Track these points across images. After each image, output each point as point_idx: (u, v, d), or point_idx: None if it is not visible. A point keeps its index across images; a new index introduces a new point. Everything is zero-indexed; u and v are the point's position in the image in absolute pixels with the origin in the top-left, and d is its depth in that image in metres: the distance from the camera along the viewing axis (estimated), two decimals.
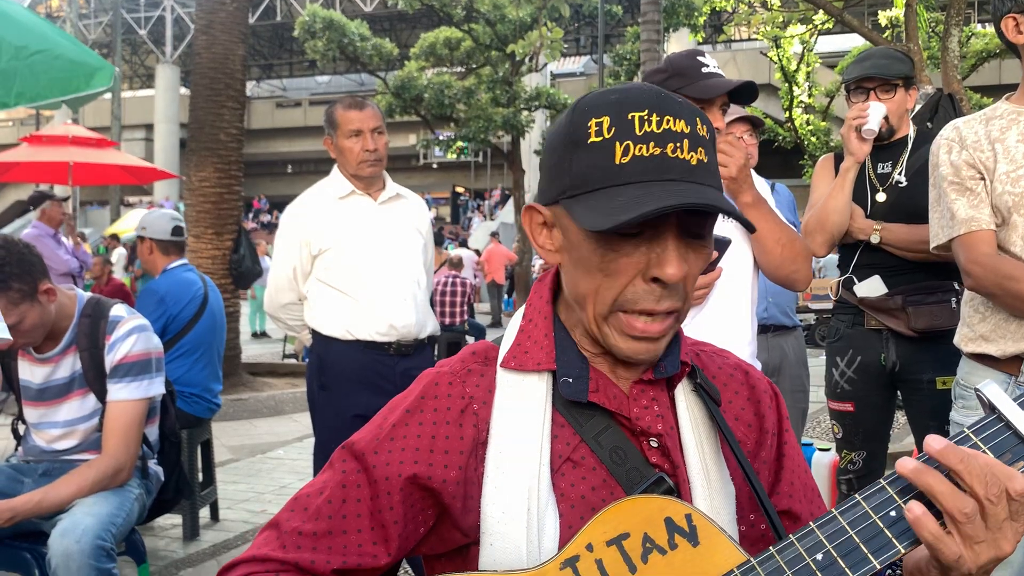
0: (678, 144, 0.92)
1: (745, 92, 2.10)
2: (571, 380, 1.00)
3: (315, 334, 3.11)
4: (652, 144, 0.92)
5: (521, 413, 1.00)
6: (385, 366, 3.05)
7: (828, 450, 3.95)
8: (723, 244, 1.98)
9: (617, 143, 0.92)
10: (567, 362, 1.02)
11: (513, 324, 1.08)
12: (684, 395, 1.04)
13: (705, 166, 0.94)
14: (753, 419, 1.09)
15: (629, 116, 0.93)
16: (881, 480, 0.84)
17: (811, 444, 4.08)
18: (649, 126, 0.92)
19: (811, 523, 0.84)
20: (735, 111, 3.43)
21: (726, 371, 1.11)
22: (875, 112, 2.62)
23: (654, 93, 0.96)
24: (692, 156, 0.93)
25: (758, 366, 2.27)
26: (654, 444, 1.00)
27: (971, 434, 0.83)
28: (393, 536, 0.99)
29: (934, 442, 0.82)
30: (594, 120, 0.94)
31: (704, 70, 2.10)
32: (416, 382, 1.07)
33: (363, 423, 1.08)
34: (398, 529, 0.99)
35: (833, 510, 0.84)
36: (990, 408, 0.84)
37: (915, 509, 0.80)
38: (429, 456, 0.99)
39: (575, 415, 1.00)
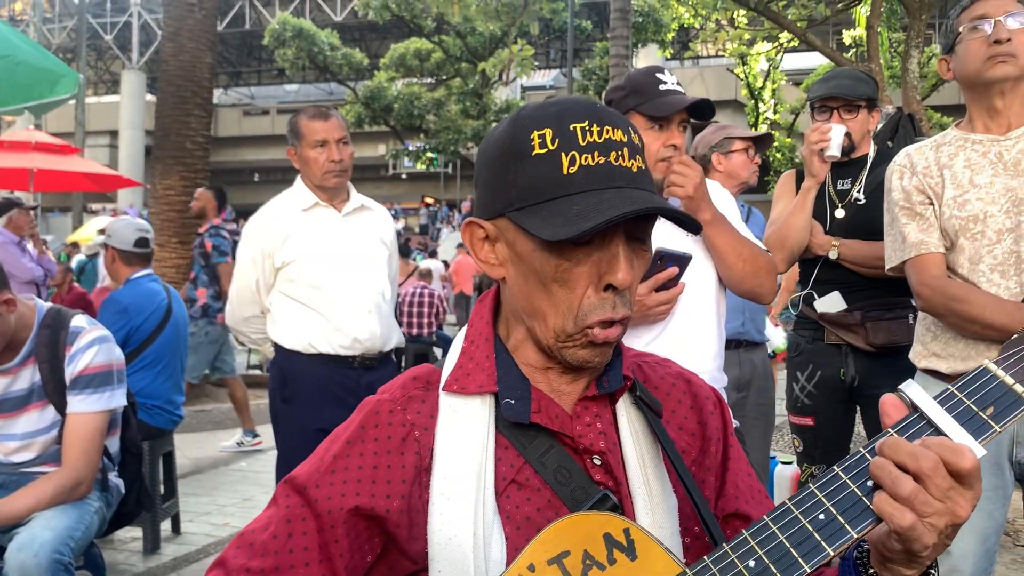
0: (620, 153, 0.96)
1: (702, 109, 2.12)
2: (513, 402, 1.00)
3: (277, 347, 3.07)
4: (596, 153, 0.95)
5: (464, 437, 1.00)
6: (349, 379, 3.02)
7: (790, 463, 4.00)
8: (684, 260, 2.00)
9: (563, 153, 0.95)
10: (508, 384, 1.02)
11: (455, 346, 1.08)
12: (625, 409, 1.05)
13: (644, 172, 0.99)
14: (696, 427, 1.10)
15: (571, 127, 0.95)
16: (810, 484, 0.86)
17: (774, 457, 4.13)
18: (591, 136, 0.95)
19: (743, 531, 0.86)
20: (733, 130, 3.52)
21: (668, 380, 1.13)
22: (836, 136, 2.67)
23: (591, 104, 0.99)
24: (633, 164, 0.97)
25: (724, 380, 2.29)
26: (597, 462, 1.01)
27: (895, 433, 0.86)
28: (340, 568, 0.98)
29: (880, 441, 0.86)
30: (536, 132, 0.96)
31: (662, 87, 2.11)
32: (357, 411, 1.06)
33: (326, 437, 1.08)
34: (344, 561, 0.98)
35: (765, 516, 0.86)
36: (912, 407, 0.87)
37: (868, 483, 0.84)
38: (371, 487, 0.99)
39: (518, 436, 1.01)
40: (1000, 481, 2.05)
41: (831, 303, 2.79)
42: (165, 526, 4.19)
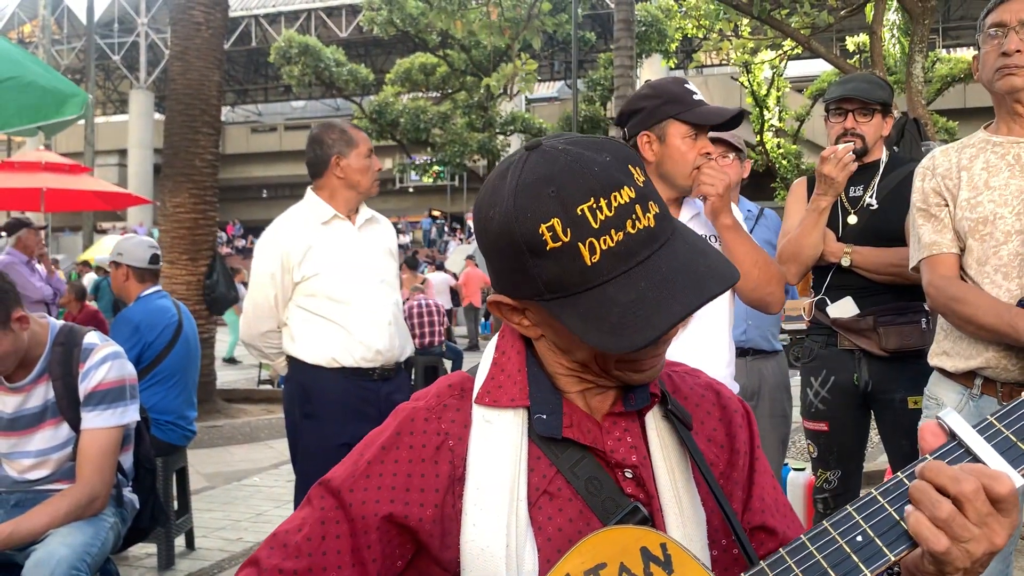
0: (634, 216, 0.91)
1: (738, 119, 2.17)
2: (545, 416, 1.01)
3: (297, 362, 3.05)
4: (613, 231, 0.90)
5: (497, 449, 1.00)
6: (369, 391, 3.03)
7: (803, 470, 3.97)
8: None
9: (580, 244, 0.89)
10: (541, 398, 1.02)
11: (487, 356, 1.08)
12: (655, 422, 1.05)
13: (660, 217, 0.93)
14: (725, 439, 1.10)
15: (579, 211, 0.89)
16: (848, 507, 0.87)
17: (786, 464, 4.10)
18: (602, 213, 0.89)
19: (781, 549, 0.87)
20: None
21: (697, 392, 1.13)
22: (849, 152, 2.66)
23: (586, 171, 0.91)
24: (647, 217, 0.92)
25: (736, 388, 2.30)
26: (629, 475, 1.01)
27: (933, 459, 0.86)
28: (372, 573, 0.99)
29: (920, 465, 0.86)
30: (543, 226, 0.90)
31: (695, 97, 2.16)
32: (392, 416, 1.07)
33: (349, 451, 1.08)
34: (376, 567, 0.99)
35: (802, 536, 0.86)
36: (951, 435, 0.87)
37: (907, 507, 0.84)
38: (405, 495, 0.99)
39: (551, 447, 1.01)
40: None
41: (843, 308, 2.78)
42: (179, 542, 4.18)
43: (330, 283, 2.99)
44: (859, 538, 0.84)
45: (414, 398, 1.09)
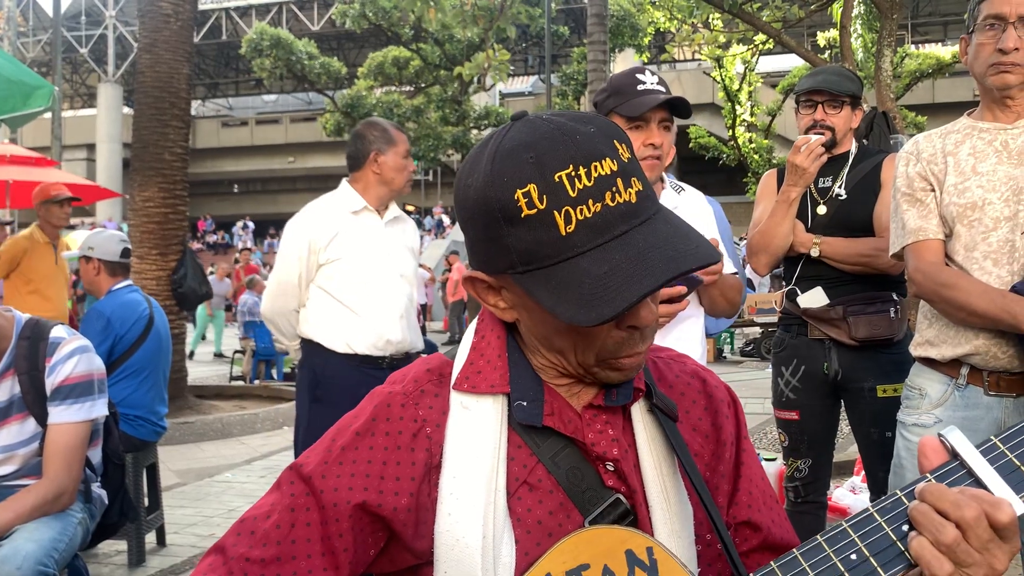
0: (614, 189, 0.88)
1: (678, 107, 2.14)
2: (525, 404, 0.97)
3: (311, 345, 3.16)
4: (591, 201, 0.87)
5: (475, 437, 0.97)
6: (378, 380, 3.07)
7: (774, 460, 4.02)
8: (695, 282, 2.07)
9: (555, 212, 0.87)
10: (521, 385, 0.99)
11: (465, 340, 1.05)
12: (640, 415, 1.02)
13: (643, 194, 0.90)
14: (710, 429, 1.07)
15: (556, 178, 0.87)
16: (843, 522, 0.85)
17: (759, 454, 4.14)
18: (580, 182, 0.87)
19: (772, 563, 0.85)
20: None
21: (684, 379, 1.10)
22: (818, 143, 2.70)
23: (568, 139, 0.89)
24: (630, 192, 0.89)
25: None
26: (610, 468, 0.98)
27: (933, 479, 0.84)
28: (344, 563, 0.97)
29: (920, 486, 0.85)
30: (519, 192, 0.87)
31: (640, 87, 2.13)
32: (367, 400, 1.04)
33: None
34: (349, 556, 0.97)
35: (794, 550, 0.84)
36: (953, 454, 0.85)
37: (905, 527, 0.84)
38: (379, 483, 0.97)
39: (532, 436, 0.98)
40: None
41: (813, 298, 2.80)
42: (150, 539, 4.15)
43: (350, 269, 3.12)
44: (853, 556, 0.82)
45: (390, 381, 1.05)
